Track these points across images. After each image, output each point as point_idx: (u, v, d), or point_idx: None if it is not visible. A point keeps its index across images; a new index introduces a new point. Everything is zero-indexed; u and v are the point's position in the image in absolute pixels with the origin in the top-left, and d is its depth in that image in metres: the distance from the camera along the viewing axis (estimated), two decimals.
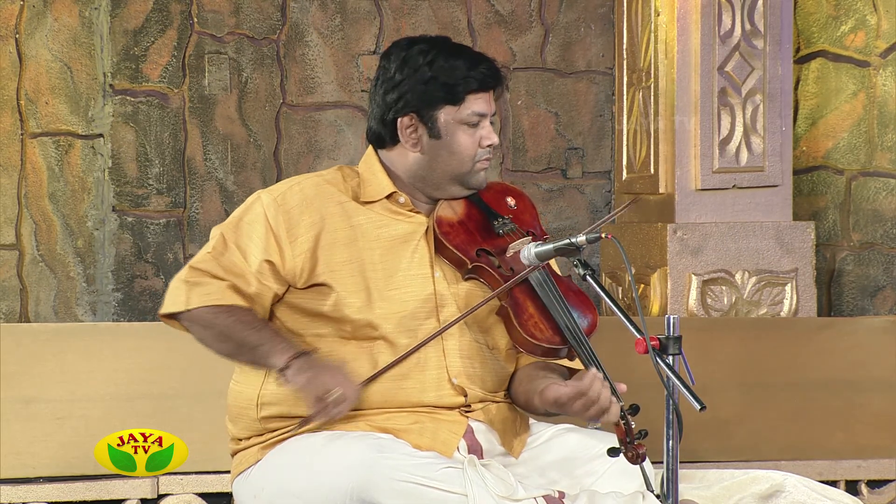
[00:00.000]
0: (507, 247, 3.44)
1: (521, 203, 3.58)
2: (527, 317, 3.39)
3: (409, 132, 3.45)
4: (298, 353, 3.31)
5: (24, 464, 4.75)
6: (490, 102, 3.46)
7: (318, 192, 3.45)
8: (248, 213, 3.43)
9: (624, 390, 3.29)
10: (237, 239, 3.41)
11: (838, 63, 6.18)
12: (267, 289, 3.40)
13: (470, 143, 3.44)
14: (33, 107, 6.01)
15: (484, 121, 3.45)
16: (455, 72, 3.41)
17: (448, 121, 3.43)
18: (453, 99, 3.42)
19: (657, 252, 5.84)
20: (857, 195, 6.16)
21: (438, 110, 3.43)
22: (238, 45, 6.16)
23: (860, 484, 5.28)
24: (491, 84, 3.45)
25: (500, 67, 3.50)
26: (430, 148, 3.45)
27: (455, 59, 3.43)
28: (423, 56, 3.43)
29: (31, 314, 6.00)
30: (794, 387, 5.27)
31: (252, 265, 3.38)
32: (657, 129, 5.91)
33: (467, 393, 3.43)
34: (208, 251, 3.41)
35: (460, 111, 3.43)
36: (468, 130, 3.44)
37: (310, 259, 3.40)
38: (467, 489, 3.19)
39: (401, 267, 3.43)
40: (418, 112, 3.44)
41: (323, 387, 3.25)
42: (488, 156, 3.49)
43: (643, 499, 3.31)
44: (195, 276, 3.38)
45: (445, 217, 3.47)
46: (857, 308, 6.17)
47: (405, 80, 3.43)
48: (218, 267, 3.38)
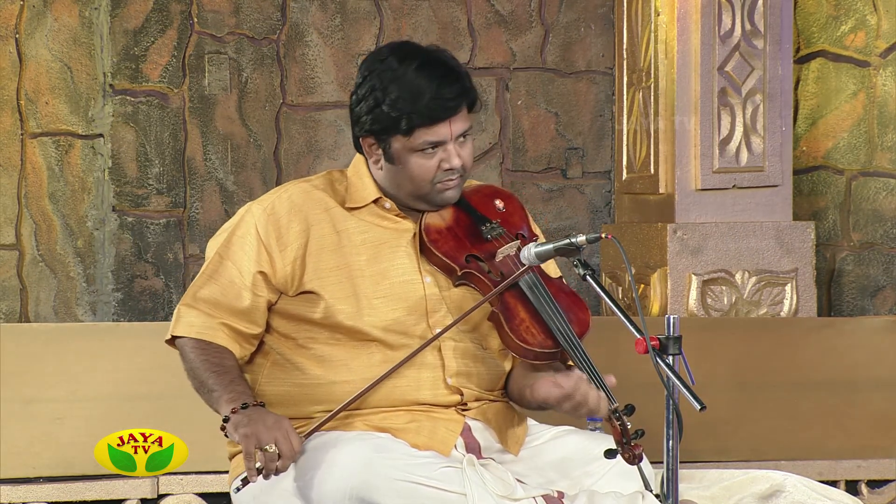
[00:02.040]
0: (497, 252, 3.43)
1: (509, 205, 3.55)
2: (518, 322, 3.38)
3: (371, 150, 3.45)
4: (242, 406, 3.27)
5: (24, 464, 4.74)
6: (451, 127, 3.37)
7: (306, 199, 3.46)
8: (239, 227, 3.45)
9: (613, 383, 3.28)
10: (231, 254, 3.43)
11: (838, 63, 6.18)
12: (262, 300, 3.41)
13: (426, 168, 3.39)
14: (33, 107, 6.01)
15: (444, 145, 3.38)
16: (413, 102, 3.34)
17: (399, 149, 3.39)
18: (402, 131, 3.36)
19: (657, 252, 5.84)
20: (857, 195, 6.16)
21: (391, 137, 3.39)
22: (238, 45, 6.16)
23: (860, 484, 5.27)
24: (449, 115, 3.36)
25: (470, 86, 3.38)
26: (389, 169, 3.43)
27: (421, 81, 3.35)
28: (388, 75, 3.37)
29: (31, 314, 6.00)
30: (794, 387, 5.27)
31: (246, 278, 3.40)
32: (657, 129, 5.91)
33: (463, 392, 3.43)
34: (204, 272, 3.44)
35: (411, 141, 3.37)
36: (424, 155, 3.38)
37: (299, 266, 3.41)
38: (466, 489, 3.19)
39: (389, 273, 3.43)
40: (374, 135, 3.41)
41: (258, 440, 3.19)
42: (453, 177, 3.41)
43: (643, 499, 3.31)
44: (189, 304, 3.41)
45: (433, 224, 3.46)
46: (857, 308, 6.17)
47: (363, 101, 3.40)
48: (216, 289, 3.40)
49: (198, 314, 3.40)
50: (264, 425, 3.21)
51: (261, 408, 3.29)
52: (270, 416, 3.25)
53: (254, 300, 3.40)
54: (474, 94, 3.41)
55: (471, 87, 3.41)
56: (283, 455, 3.19)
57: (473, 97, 3.41)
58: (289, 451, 3.20)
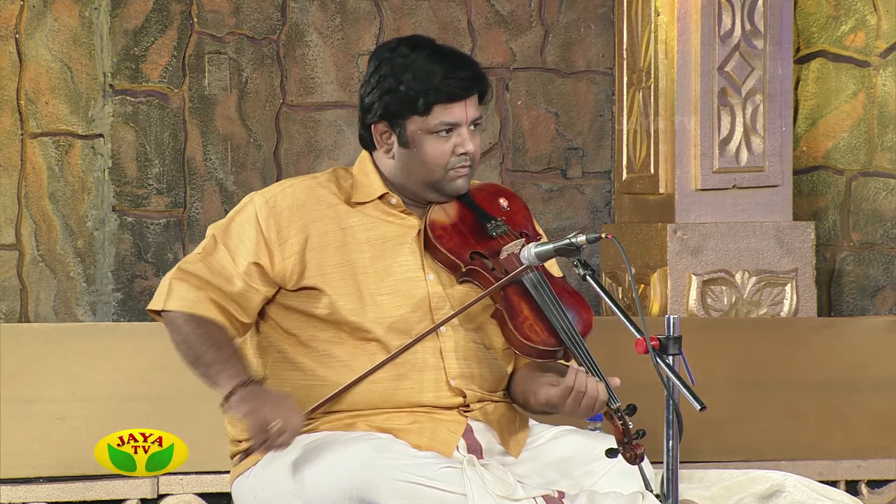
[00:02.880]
0: (501, 249, 3.43)
1: (513, 204, 3.55)
2: (521, 319, 3.38)
3: (382, 138, 3.45)
4: (245, 382, 3.27)
5: (24, 464, 4.74)
6: (466, 110, 3.39)
7: (310, 195, 3.46)
8: (239, 215, 3.45)
9: (617, 384, 3.29)
10: (227, 239, 3.42)
11: (838, 63, 6.18)
12: (254, 291, 3.40)
13: (440, 152, 3.40)
14: (33, 107, 6.01)
15: (458, 129, 3.39)
16: (427, 81, 3.36)
17: (415, 131, 3.39)
18: (419, 110, 3.37)
19: (657, 252, 5.84)
20: (857, 195, 6.17)
21: (406, 119, 3.39)
22: (238, 45, 6.16)
23: (860, 484, 5.28)
24: (464, 94, 3.38)
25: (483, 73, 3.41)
26: (402, 155, 3.43)
27: (433, 65, 3.37)
28: (399, 61, 3.38)
29: (31, 314, 6.00)
30: (794, 387, 5.27)
31: (239, 266, 3.39)
32: (657, 129, 5.91)
33: (466, 394, 3.43)
34: (198, 251, 3.43)
35: (427, 122, 3.38)
36: (439, 139, 3.39)
37: (299, 262, 3.40)
38: (466, 489, 3.19)
39: (392, 270, 3.43)
40: (388, 120, 3.41)
41: (264, 418, 3.19)
42: (465, 163, 3.41)
43: (643, 499, 3.31)
44: (180, 277, 3.39)
45: (438, 220, 3.46)
46: (857, 308, 6.17)
47: (377, 87, 3.40)
48: (206, 269, 3.39)
49: (189, 288, 3.38)
50: (269, 402, 3.22)
51: (263, 385, 3.30)
52: (274, 394, 3.27)
53: (244, 288, 3.39)
54: (486, 81, 3.43)
55: (483, 73, 3.43)
56: (289, 429, 3.20)
57: (486, 83, 3.43)
58: (292, 427, 3.20)
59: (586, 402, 3.26)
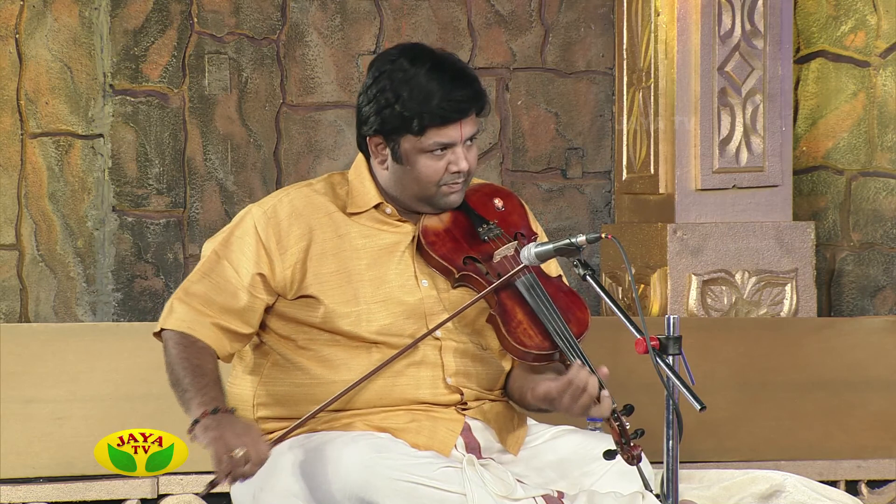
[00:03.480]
0: (494, 253, 3.43)
1: (509, 204, 3.55)
2: (515, 324, 3.38)
3: (377, 149, 3.44)
4: (213, 410, 3.26)
5: (24, 464, 4.74)
6: (462, 130, 3.38)
7: (308, 204, 3.46)
8: (238, 228, 3.45)
9: (606, 374, 3.28)
10: (228, 253, 3.42)
11: (838, 63, 6.18)
12: (259, 301, 3.41)
13: (434, 170, 3.39)
14: (33, 107, 6.01)
15: (453, 147, 3.38)
16: (424, 103, 3.34)
17: (409, 149, 3.39)
18: (414, 130, 3.36)
19: (657, 252, 5.84)
20: (857, 195, 6.16)
21: (401, 137, 3.38)
22: (238, 45, 6.16)
23: (860, 484, 5.28)
24: (460, 117, 3.36)
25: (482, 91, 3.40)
26: (395, 170, 3.43)
27: (431, 84, 3.35)
28: (399, 76, 3.37)
29: (31, 314, 6.00)
30: (794, 387, 5.27)
31: (244, 278, 3.39)
32: (657, 129, 5.91)
33: (463, 392, 3.43)
34: (199, 269, 3.43)
35: (422, 142, 3.37)
36: (433, 157, 3.38)
37: (299, 270, 3.41)
38: (466, 489, 3.19)
39: (388, 277, 3.43)
40: (383, 135, 3.41)
41: (226, 445, 3.18)
42: (458, 180, 3.41)
43: (643, 499, 3.31)
44: (182, 299, 3.41)
45: (431, 226, 3.46)
46: (857, 308, 6.17)
47: (374, 101, 3.40)
48: (209, 287, 3.40)
49: (188, 310, 3.39)
50: (233, 431, 3.21)
51: (231, 414, 3.28)
52: (240, 423, 3.25)
53: (250, 300, 3.40)
54: (485, 99, 3.42)
55: (482, 91, 3.41)
56: (251, 460, 3.18)
57: (484, 101, 3.42)
58: (257, 456, 3.19)
59: (585, 399, 3.26)
